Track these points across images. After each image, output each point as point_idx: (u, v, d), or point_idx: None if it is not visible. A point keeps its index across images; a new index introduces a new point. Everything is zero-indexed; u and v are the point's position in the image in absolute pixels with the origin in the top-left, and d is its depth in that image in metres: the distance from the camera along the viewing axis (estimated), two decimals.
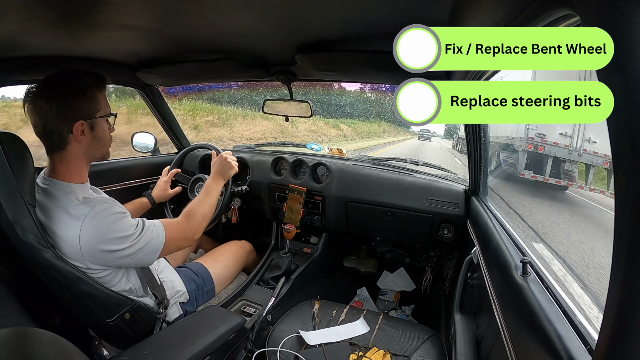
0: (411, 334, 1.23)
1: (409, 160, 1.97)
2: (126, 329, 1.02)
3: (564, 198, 6.46)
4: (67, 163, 0.95)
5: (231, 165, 1.43)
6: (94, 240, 0.89)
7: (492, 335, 0.86)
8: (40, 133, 0.92)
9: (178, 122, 2.06)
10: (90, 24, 0.95)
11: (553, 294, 0.68)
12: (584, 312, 1.55)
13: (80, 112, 0.92)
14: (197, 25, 0.98)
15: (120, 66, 1.46)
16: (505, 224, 1.09)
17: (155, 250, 1.01)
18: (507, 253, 0.87)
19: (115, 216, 0.93)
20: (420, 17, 0.80)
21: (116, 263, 0.97)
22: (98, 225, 0.89)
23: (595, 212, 5.62)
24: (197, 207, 1.19)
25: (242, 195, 1.92)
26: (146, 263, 1.04)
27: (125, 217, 0.95)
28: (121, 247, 0.93)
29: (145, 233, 0.98)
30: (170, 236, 1.04)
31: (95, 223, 0.89)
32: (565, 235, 4.01)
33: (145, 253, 0.98)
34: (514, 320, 0.73)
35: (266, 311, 1.39)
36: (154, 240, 1.00)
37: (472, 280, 1.22)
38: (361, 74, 1.44)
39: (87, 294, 0.93)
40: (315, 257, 1.83)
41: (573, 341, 0.54)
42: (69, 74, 0.93)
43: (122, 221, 0.94)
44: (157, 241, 1.01)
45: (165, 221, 1.06)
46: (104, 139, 1.00)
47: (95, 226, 0.89)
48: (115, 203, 0.98)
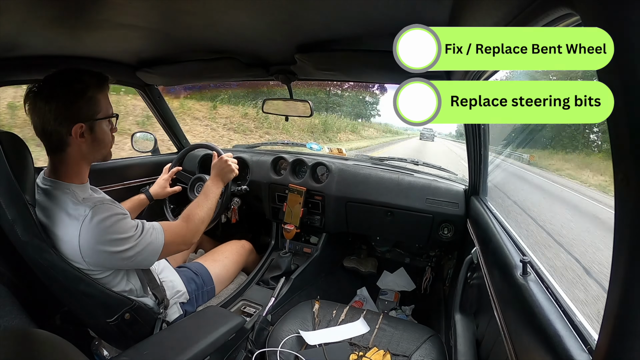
0: (411, 334, 1.23)
1: (409, 160, 1.97)
2: (126, 329, 1.02)
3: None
4: (66, 164, 0.94)
5: (231, 168, 1.43)
6: (93, 241, 0.89)
7: (492, 335, 0.86)
8: (40, 133, 0.91)
9: (177, 122, 2.07)
10: (91, 23, 0.95)
11: (553, 294, 0.68)
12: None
13: (79, 115, 0.90)
14: (197, 25, 0.98)
15: (120, 66, 1.46)
16: (505, 223, 1.09)
17: (154, 252, 1.00)
18: (507, 253, 0.87)
19: (115, 217, 0.92)
20: (420, 17, 0.80)
21: (115, 264, 0.97)
22: (97, 226, 0.89)
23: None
24: (195, 210, 1.19)
25: (242, 195, 1.92)
26: (145, 265, 1.04)
27: (125, 219, 0.95)
28: (121, 249, 0.92)
29: (144, 235, 0.97)
30: (169, 239, 1.04)
31: (94, 224, 0.88)
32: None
33: (144, 256, 0.98)
34: (514, 320, 0.73)
35: (266, 311, 1.39)
36: (153, 242, 0.99)
37: (472, 280, 1.22)
38: (361, 74, 1.44)
39: (87, 294, 0.93)
40: (315, 257, 1.83)
41: (573, 341, 0.54)
42: (70, 74, 0.91)
43: (122, 222, 0.93)
44: (156, 244, 1.00)
45: (165, 224, 1.06)
46: (105, 141, 0.98)
47: (94, 227, 0.88)
48: (115, 204, 0.98)
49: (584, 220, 3.80)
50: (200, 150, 1.97)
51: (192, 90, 8.26)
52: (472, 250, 1.18)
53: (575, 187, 4.99)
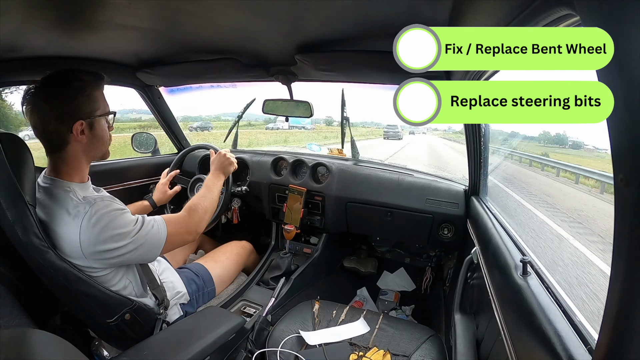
0: (411, 334, 1.23)
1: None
2: (126, 330, 1.02)
3: None
4: (67, 163, 0.95)
5: (230, 161, 1.43)
6: (93, 238, 0.89)
7: (492, 335, 0.86)
8: (40, 134, 0.92)
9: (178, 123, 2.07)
10: (90, 24, 0.95)
11: (553, 294, 0.68)
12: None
13: (79, 112, 0.92)
14: (197, 26, 0.98)
15: (119, 67, 1.46)
16: (506, 223, 1.09)
17: (156, 245, 1.00)
18: (507, 253, 0.87)
19: (115, 213, 0.93)
20: (420, 17, 0.81)
21: (118, 260, 0.96)
22: (97, 223, 0.89)
23: None
24: (198, 200, 1.18)
25: (242, 196, 1.92)
26: (148, 259, 1.03)
27: (125, 214, 0.95)
28: (121, 244, 0.93)
29: (145, 227, 0.97)
30: (173, 230, 1.04)
31: (94, 221, 0.89)
32: None
33: (147, 248, 0.98)
34: (514, 320, 0.73)
35: (266, 311, 1.39)
36: (154, 235, 0.99)
37: (472, 280, 1.22)
38: (361, 74, 1.44)
39: (87, 295, 0.93)
40: (315, 257, 1.83)
41: (573, 341, 0.54)
42: (67, 73, 0.92)
43: (122, 217, 0.94)
44: (158, 236, 1.00)
45: (167, 216, 1.06)
46: (104, 138, 0.99)
47: (94, 224, 0.89)
48: (115, 200, 0.98)
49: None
50: (200, 151, 1.97)
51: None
52: (472, 250, 1.18)
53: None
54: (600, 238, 2.69)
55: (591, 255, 2.39)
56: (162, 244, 1.01)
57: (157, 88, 1.84)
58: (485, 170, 1.40)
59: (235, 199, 1.94)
